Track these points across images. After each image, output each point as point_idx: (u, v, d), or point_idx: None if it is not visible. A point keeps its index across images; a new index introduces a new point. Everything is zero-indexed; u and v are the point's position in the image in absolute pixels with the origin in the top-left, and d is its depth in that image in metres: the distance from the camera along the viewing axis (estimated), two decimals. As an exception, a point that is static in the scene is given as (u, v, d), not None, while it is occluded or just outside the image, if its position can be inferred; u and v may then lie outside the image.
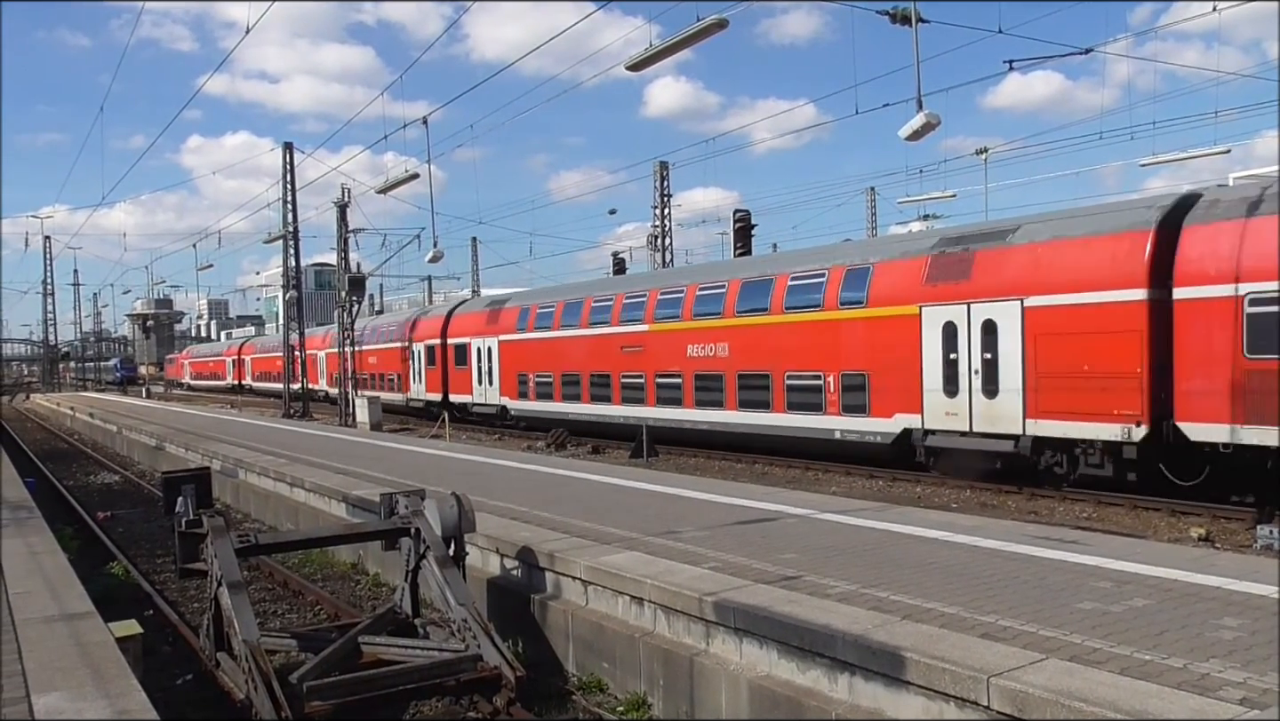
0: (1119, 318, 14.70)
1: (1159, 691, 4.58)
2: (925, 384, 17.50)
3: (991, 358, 16.44)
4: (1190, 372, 13.95)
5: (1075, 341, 15.26)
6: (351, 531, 10.04)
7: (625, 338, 24.99)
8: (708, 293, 22.87)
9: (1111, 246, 15.03)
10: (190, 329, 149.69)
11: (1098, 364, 14.97)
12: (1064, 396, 15.40)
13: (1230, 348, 13.48)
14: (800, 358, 20.13)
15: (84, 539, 14.45)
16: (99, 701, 4.73)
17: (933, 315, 17.32)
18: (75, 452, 31.12)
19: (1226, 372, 13.51)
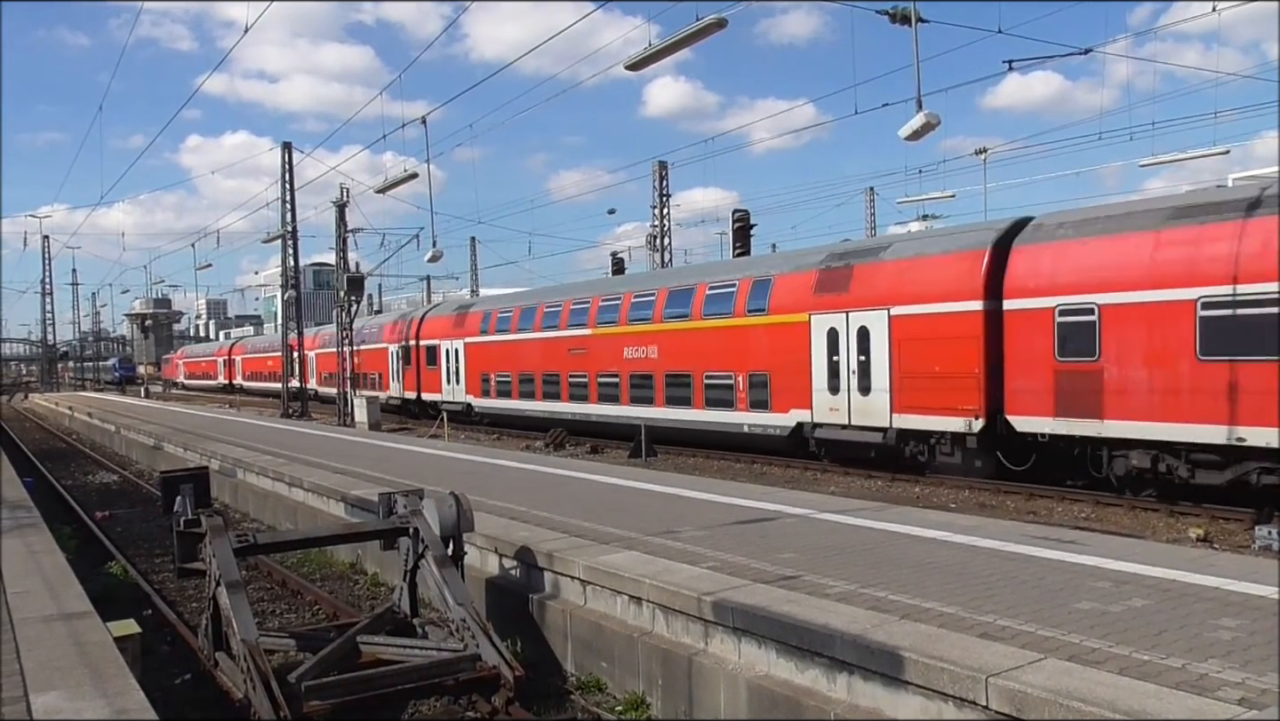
0: (961, 325, 17.09)
1: (1157, 691, 4.58)
2: (814, 383, 19.79)
3: (865, 360, 18.74)
4: (1017, 373, 16.37)
5: (929, 346, 17.64)
6: (350, 531, 10.04)
7: (571, 341, 27.13)
8: (641, 300, 25.00)
9: (956, 263, 17.41)
10: (189, 329, 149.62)
11: (946, 366, 17.36)
12: (921, 394, 17.80)
13: (1048, 352, 15.88)
14: (716, 360, 22.43)
15: (82, 538, 14.44)
16: (97, 701, 4.73)
17: (820, 322, 19.66)
18: (74, 452, 31.10)
19: (1044, 373, 15.95)
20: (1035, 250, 16.34)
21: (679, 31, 13.81)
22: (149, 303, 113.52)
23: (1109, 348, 15.14)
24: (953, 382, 17.17)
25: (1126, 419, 14.91)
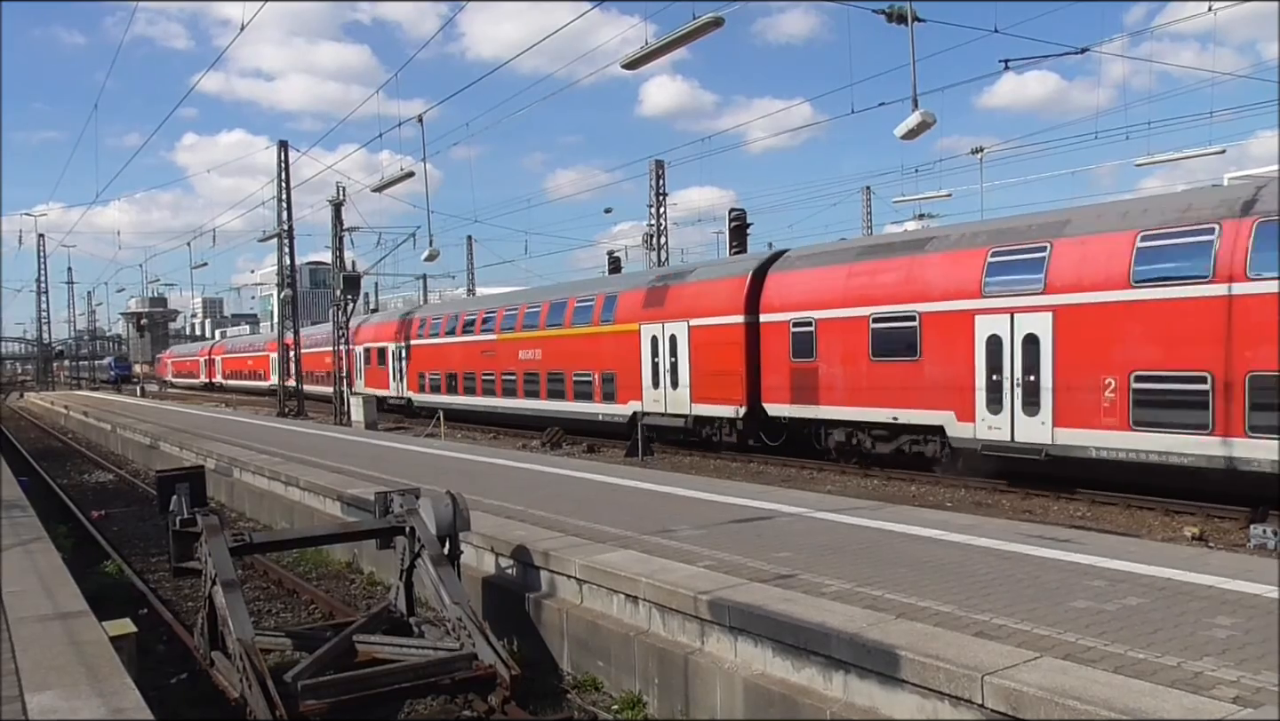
0: (731, 334, 21.86)
1: (1153, 690, 4.59)
2: (643, 380, 24.43)
3: (674, 361, 23.57)
4: (768, 372, 21.15)
5: (713, 350, 22.47)
6: (346, 530, 10.03)
7: (483, 345, 32.06)
8: (532, 310, 29.80)
9: (728, 286, 22.48)
10: (185, 327, 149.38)
11: (722, 366, 22.13)
12: (709, 388, 22.66)
13: (786, 355, 20.60)
14: (581, 361, 26.95)
15: (78, 538, 14.42)
16: (93, 700, 4.72)
17: (646, 331, 24.29)
18: (69, 451, 31.04)
19: (785, 371, 20.69)
20: (780, 277, 21.28)
21: (676, 30, 13.80)
22: (145, 301, 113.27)
23: (821, 351, 19.88)
24: (726, 379, 22.02)
25: (832, 405, 19.77)
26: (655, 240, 39.06)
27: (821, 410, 19.88)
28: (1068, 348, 15.65)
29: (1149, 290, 14.46)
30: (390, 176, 25.00)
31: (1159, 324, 14.35)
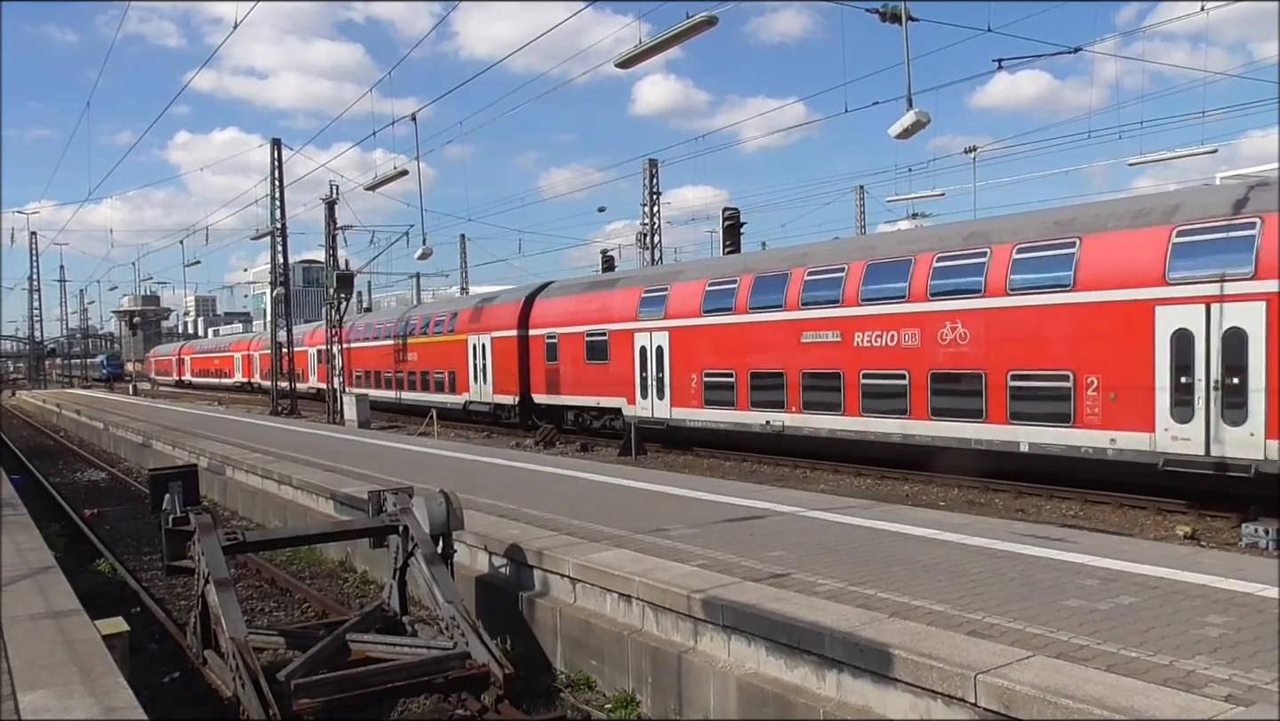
0: (511, 344, 30.20)
1: (1145, 688, 4.61)
2: (471, 377, 32.68)
3: (484, 363, 31.86)
4: (533, 371, 29.30)
5: (503, 355, 30.72)
6: (339, 529, 10.00)
7: (387, 349, 39.79)
8: (416, 323, 37.68)
9: (511, 308, 31.05)
10: (178, 326, 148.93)
11: (508, 367, 30.33)
12: (503, 383, 30.78)
13: (544, 359, 28.69)
14: (438, 362, 35.16)
15: (70, 536, 14.37)
16: (86, 699, 4.70)
17: (470, 340, 32.84)
18: (61, 450, 30.93)
19: (543, 370, 28.71)
20: (540, 303, 29.81)
21: (670, 29, 13.80)
22: (137, 299, 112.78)
23: (561, 356, 27.93)
24: (510, 376, 30.17)
25: (568, 394, 27.78)
26: (649, 239, 39.04)
27: (562, 398, 28.07)
28: (681, 354, 23.35)
29: (810, 311, 20.31)
30: (384, 175, 24.94)
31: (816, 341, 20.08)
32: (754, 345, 21.34)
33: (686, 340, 22.95)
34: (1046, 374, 15.80)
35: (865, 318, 18.85)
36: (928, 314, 17.58)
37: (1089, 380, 15.21)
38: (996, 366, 16.52)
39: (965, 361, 17.05)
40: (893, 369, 18.30)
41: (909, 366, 17.99)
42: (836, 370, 19.40)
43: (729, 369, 21.94)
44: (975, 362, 16.88)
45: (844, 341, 19.14)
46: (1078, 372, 15.32)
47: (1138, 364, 14.44)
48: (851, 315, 19.07)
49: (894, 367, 18.28)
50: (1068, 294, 15.45)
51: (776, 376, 20.77)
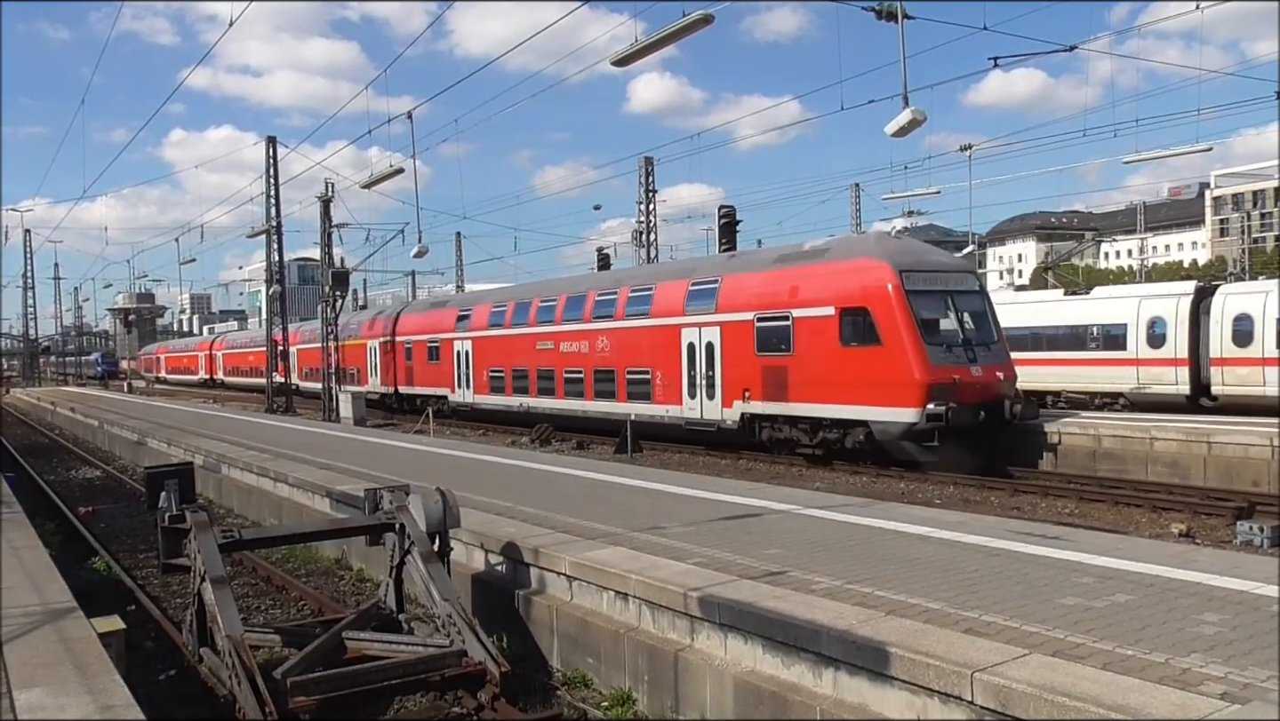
0: (387, 347, 38.21)
1: (1141, 686, 4.62)
2: (368, 372, 40.36)
3: (375, 362, 39.46)
4: (398, 368, 36.78)
5: (385, 356, 38.57)
6: (336, 527, 9.99)
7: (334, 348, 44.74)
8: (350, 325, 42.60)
9: (386, 321, 39.19)
10: (172, 323, 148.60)
11: (386, 364, 38.22)
12: (384, 378, 38.75)
13: (404, 359, 36.48)
14: (353, 361, 41.02)
15: (65, 534, 14.32)
16: (82, 697, 4.69)
17: (368, 344, 40.41)
18: (56, 447, 30.85)
19: (405, 368, 36.54)
20: (405, 317, 38.19)
21: (666, 27, 13.79)
22: (132, 297, 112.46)
23: (414, 357, 35.88)
24: (388, 373, 37.98)
25: (418, 386, 35.76)
26: (645, 237, 39.02)
27: (415, 389, 35.97)
28: (477, 357, 31.93)
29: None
30: (379, 173, 24.91)
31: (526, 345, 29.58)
32: (512, 351, 30.24)
33: (479, 347, 32.10)
34: (639, 370, 24.69)
35: (565, 333, 27.76)
36: (591, 331, 26.69)
37: (657, 374, 23.99)
38: (620, 366, 25.34)
39: (608, 363, 25.90)
40: (577, 367, 27.12)
41: (584, 366, 26.82)
42: (552, 368, 28.15)
43: (500, 367, 30.77)
44: (612, 364, 25.76)
45: (554, 349, 27.98)
46: (652, 369, 24.14)
47: (675, 364, 23.32)
48: (558, 330, 27.97)
49: (578, 366, 27.11)
50: (645, 320, 24.45)
51: (524, 372, 29.53)
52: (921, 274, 18.97)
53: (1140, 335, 25.58)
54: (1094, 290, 29.67)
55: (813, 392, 19.56)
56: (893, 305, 18.16)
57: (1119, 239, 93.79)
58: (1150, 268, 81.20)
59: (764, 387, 20.65)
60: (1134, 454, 17.87)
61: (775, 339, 20.36)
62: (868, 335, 18.56)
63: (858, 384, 18.60)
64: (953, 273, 20.23)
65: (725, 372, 21.59)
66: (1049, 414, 21.60)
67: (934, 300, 18.92)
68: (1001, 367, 19.20)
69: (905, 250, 19.92)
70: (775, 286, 20.65)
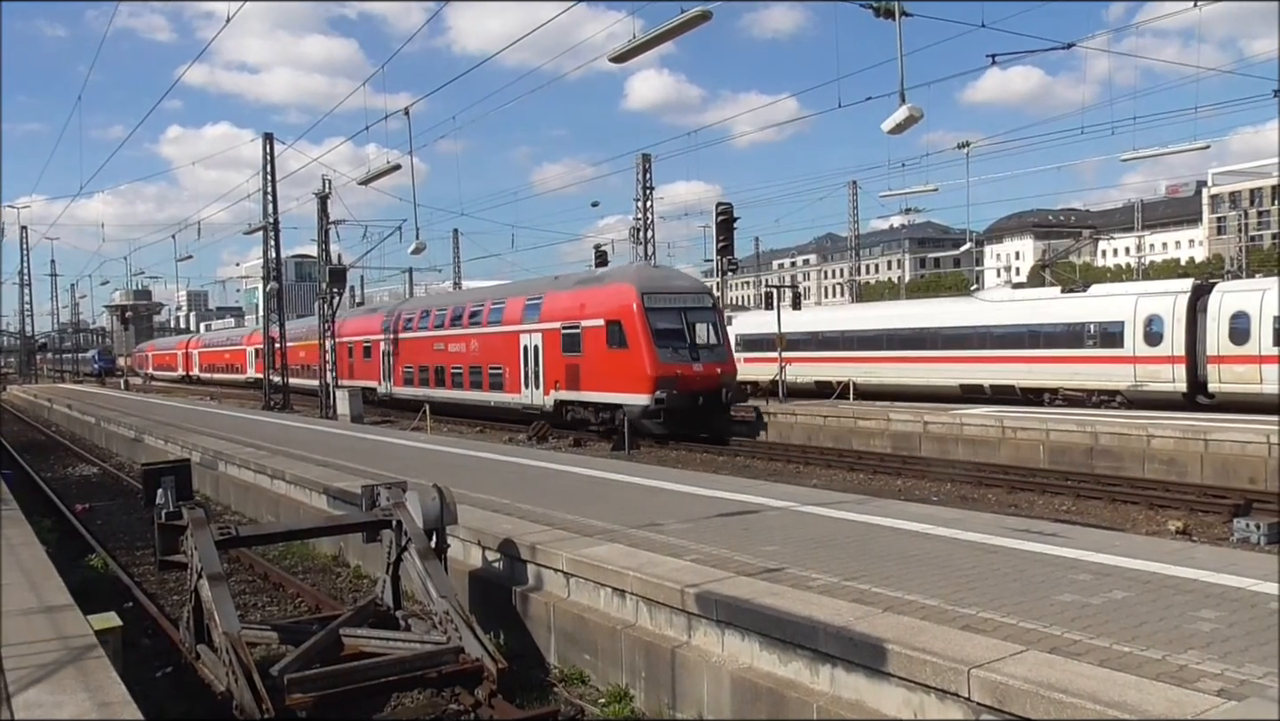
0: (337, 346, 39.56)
1: (1137, 683, 4.63)
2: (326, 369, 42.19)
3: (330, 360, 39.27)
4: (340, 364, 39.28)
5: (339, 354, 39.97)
6: (333, 524, 9.98)
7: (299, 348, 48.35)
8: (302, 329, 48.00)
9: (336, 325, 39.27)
10: (169, 320, 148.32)
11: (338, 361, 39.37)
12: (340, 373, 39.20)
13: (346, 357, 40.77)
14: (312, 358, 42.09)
15: (62, 531, 14.30)
16: (79, 695, 4.68)
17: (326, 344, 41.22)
18: (53, 444, 30.81)
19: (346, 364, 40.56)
20: (346, 322, 41.66)
21: (664, 24, 13.75)
22: (129, 294, 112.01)
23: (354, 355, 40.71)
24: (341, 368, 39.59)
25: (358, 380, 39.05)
26: (642, 234, 38.99)
27: (355, 382, 38.95)
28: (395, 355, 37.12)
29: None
30: (377, 170, 24.85)
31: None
32: (417, 351, 35.69)
33: (397, 347, 37.23)
34: (496, 367, 30.34)
35: (450, 337, 33.57)
36: (466, 335, 32.71)
37: (507, 370, 29.71)
38: (485, 363, 31.08)
39: (477, 360, 31.71)
40: (458, 364, 32.81)
41: (462, 363, 32.68)
42: (443, 365, 33.86)
43: (410, 364, 36.24)
44: (479, 361, 31.57)
45: (445, 350, 33.75)
46: (505, 366, 29.84)
47: (516, 362, 29.24)
48: (446, 335, 33.87)
49: (458, 364, 32.83)
50: (500, 327, 30.53)
51: (426, 368, 35.10)
52: (661, 295, 25.10)
53: (1137, 333, 25.60)
54: (1091, 288, 29.70)
55: (593, 383, 25.71)
56: (635, 318, 24.37)
57: (1116, 237, 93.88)
58: (1148, 265, 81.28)
59: (566, 380, 26.78)
60: (1131, 451, 17.90)
61: (573, 343, 26.51)
62: (621, 341, 24.66)
63: (615, 377, 24.75)
64: (689, 294, 26.22)
65: (545, 369, 27.79)
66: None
67: (670, 315, 24.83)
68: (721, 365, 25.08)
69: (651, 277, 26.83)
70: (574, 303, 27.08)
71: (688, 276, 31.54)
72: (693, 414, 24.21)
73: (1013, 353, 28.63)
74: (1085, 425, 19.10)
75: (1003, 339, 29.13)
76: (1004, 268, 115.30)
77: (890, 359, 32.30)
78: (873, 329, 33.94)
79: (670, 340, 24.59)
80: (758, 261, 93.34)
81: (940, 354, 30.78)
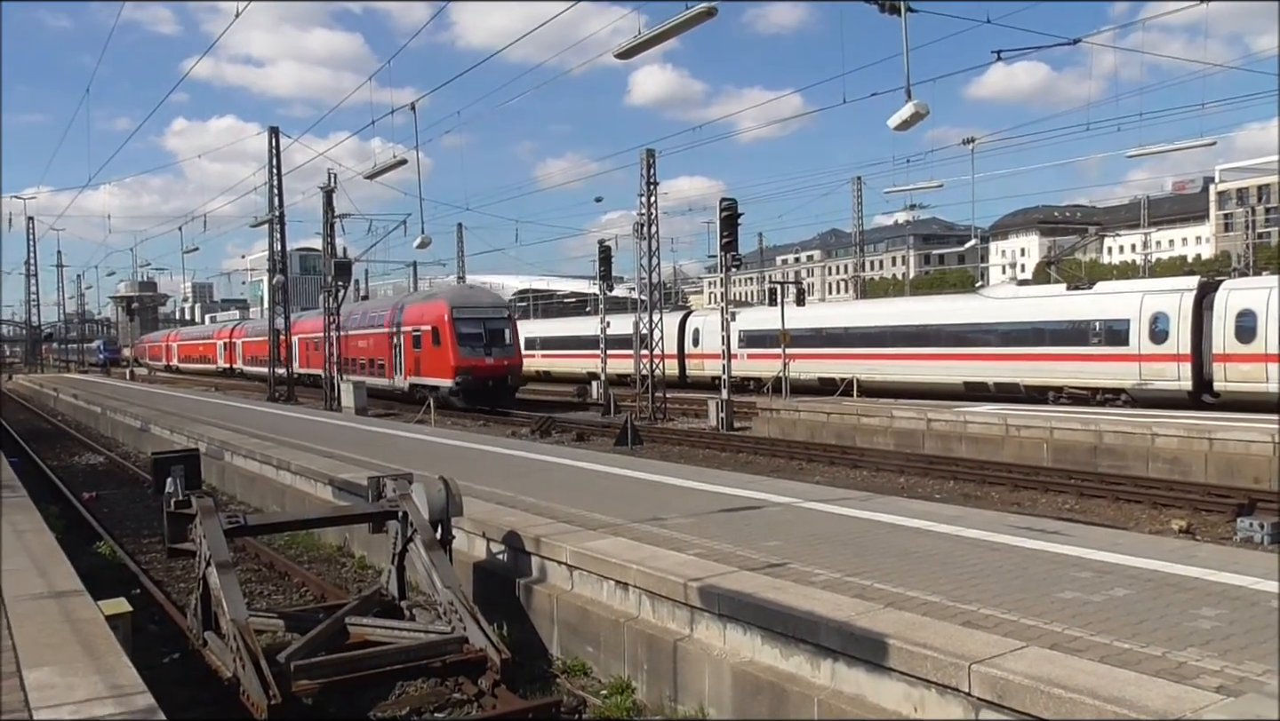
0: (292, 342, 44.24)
1: (1137, 679, 4.66)
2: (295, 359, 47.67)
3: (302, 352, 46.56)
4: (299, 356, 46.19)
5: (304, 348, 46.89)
6: (340, 514, 10.06)
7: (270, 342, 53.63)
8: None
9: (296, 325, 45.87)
10: (174, 312, 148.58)
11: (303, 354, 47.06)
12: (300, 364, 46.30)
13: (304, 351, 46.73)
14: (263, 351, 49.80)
15: (69, 520, 14.38)
16: (91, 677, 4.75)
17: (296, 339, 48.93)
18: (59, 433, 30.94)
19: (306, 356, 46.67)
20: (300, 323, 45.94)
21: (670, 20, 13.79)
22: (134, 285, 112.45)
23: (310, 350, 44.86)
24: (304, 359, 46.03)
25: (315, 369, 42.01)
26: (645, 229, 38.91)
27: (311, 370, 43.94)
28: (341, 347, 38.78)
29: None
30: (383, 164, 24.93)
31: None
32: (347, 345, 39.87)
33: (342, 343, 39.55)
34: (380, 358, 39.04)
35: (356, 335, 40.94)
36: (368, 334, 40.31)
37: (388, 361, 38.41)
38: (377, 357, 39.39)
39: (370, 354, 40.25)
40: (364, 357, 40.63)
41: (371, 356, 40.12)
42: (359, 357, 40.47)
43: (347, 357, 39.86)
44: (375, 355, 40.00)
45: (360, 345, 40.76)
46: (388, 360, 38.44)
47: (390, 355, 38.12)
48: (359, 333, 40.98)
49: (364, 356, 40.67)
50: (383, 329, 39.02)
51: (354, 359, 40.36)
52: (466, 308, 35.12)
53: (1143, 331, 25.58)
54: (1096, 285, 29.67)
55: (426, 370, 35.22)
56: (446, 326, 34.06)
57: (1122, 234, 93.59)
58: (1154, 263, 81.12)
59: (412, 368, 36.30)
60: (1135, 449, 17.91)
61: (416, 341, 35.95)
62: (437, 341, 34.42)
63: (435, 366, 34.50)
64: (488, 307, 36.46)
65: (404, 360, 37.01)
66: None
67: (472, 323, 34.40)
68: (509, 359, 34.96)
69: (461, 295, 37.78)
70: (417, 313, 36.59)
71: (491, 294, 41.64)
72: (484, 393, 33.58)
73: (1017, 350, 28.64)
74: (1089, 423, 19.11)
75: (1007, 336, 29.13)
76: (1009, 264, 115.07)
77: (894, 356, 32.32)
78: (877, 326, 33.94)
79: (470, 341, 34.11)
80: (761, 257, 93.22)
81: (944, 351, 30.79)
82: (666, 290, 59.79)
